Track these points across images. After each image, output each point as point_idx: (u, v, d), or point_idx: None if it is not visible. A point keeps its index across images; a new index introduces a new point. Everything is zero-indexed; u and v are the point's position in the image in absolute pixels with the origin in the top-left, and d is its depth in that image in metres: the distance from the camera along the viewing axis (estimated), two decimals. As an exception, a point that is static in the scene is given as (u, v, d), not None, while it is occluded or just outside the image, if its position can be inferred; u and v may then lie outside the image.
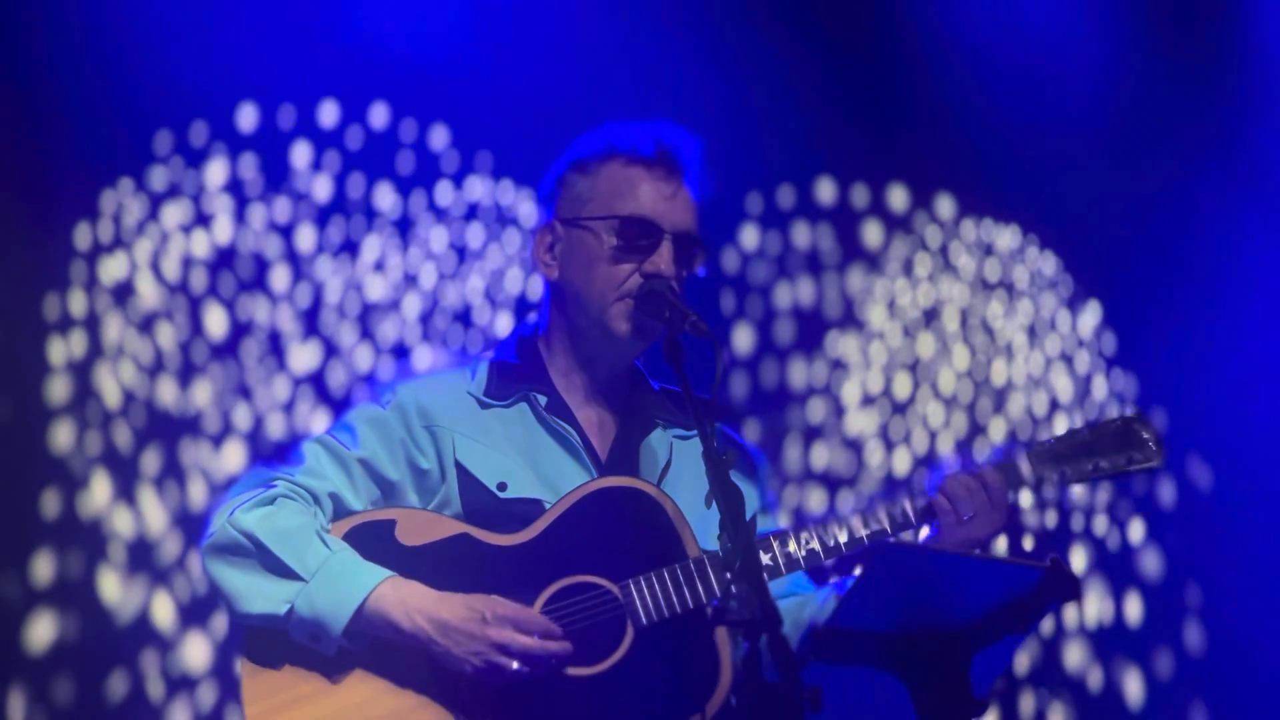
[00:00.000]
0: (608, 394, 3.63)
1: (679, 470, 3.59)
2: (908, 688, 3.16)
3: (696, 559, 3.41)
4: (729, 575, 3.00)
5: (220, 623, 5.22)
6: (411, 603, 3.34)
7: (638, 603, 3.38)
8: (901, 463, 6.01)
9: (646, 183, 3.58)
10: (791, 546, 3.47)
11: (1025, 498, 3.59)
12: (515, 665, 3.31)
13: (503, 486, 3.49)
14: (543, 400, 3.57)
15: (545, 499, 3.48)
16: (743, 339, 5.92)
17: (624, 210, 3.55)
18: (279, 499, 3.44)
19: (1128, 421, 3.61)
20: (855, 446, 5.98)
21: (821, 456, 5.95)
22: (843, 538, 3.48)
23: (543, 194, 3.68)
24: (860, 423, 6.00)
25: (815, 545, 3.48)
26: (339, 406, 5.42)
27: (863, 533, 3.49)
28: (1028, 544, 6.03)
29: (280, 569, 3.36)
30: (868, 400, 6.03)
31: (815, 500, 5.90)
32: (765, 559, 3.45)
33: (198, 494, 5.30)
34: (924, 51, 6.08)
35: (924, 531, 3.54)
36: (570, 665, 3.35)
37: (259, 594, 3.36)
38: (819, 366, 5.99)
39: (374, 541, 3.43)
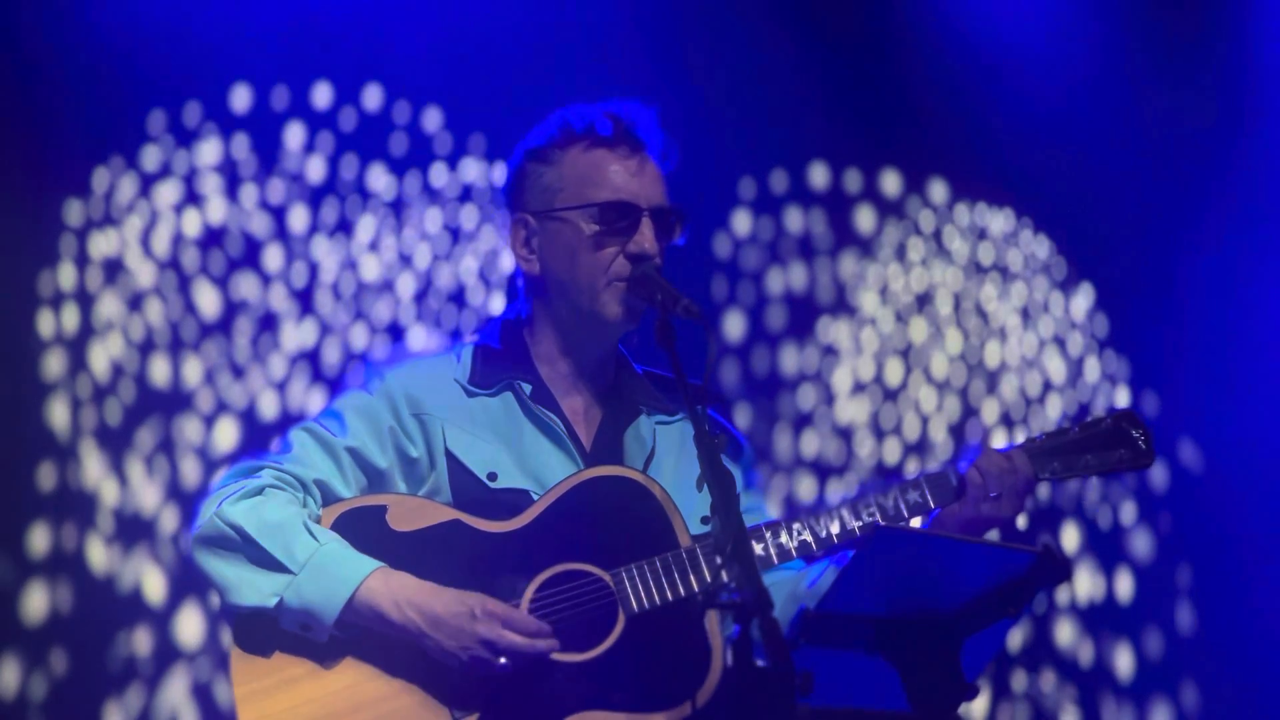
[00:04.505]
0: (592, 380, 3.62)
1: (662, 457, 3.59)
2: (899, 671, 3.16)
3: (688, 548, 3.41)
4: (720, 559, 3.01)
5: (213, 598, 5.22)
6: (402, 595, 3.34)
7: (629, 590, 3.38)
8: (892, 450, 6.02)
9: (613, 163, 3.55)
10: (784, 538, 3.47)
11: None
12: (502, 661, 3.32)
13: (493, 476, 3.49)
14: (527, 389, 3.56)
15: (532, 489, 3.48)
16: (734, 325, 5.93)
17: (598, 196, 3.53)
18: (266, 489, 3.43)
19: (1118, 420, 3.62)
20: (845, 434, 5.99)
21: (812, 444, 5.96)
22: (834, 529, 3.49)
23: (505, 189, 3.65)
24: (851, 410, 6.01)
25: (807, 536, 3.48)
26: (333, 385, 5.42)
27: (854, 524, 3.49)
28: (1020, 521, 6.03)
29: (268, 562, 3.36)
30: (859, 387, 6.03)
31: (805, 488, 5.91)
32: (757, 549, 3.45)
33: (190, 470, 5.30)
34: (917, 36, 6.07)
35: (915, 521, 3.55)
36: (560, 652, 3.35)
37: (248, 586, 3.36)
38: (810, 353, 6.00)
39: (365, 527, 3.43)
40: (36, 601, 5.15)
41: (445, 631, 3.32)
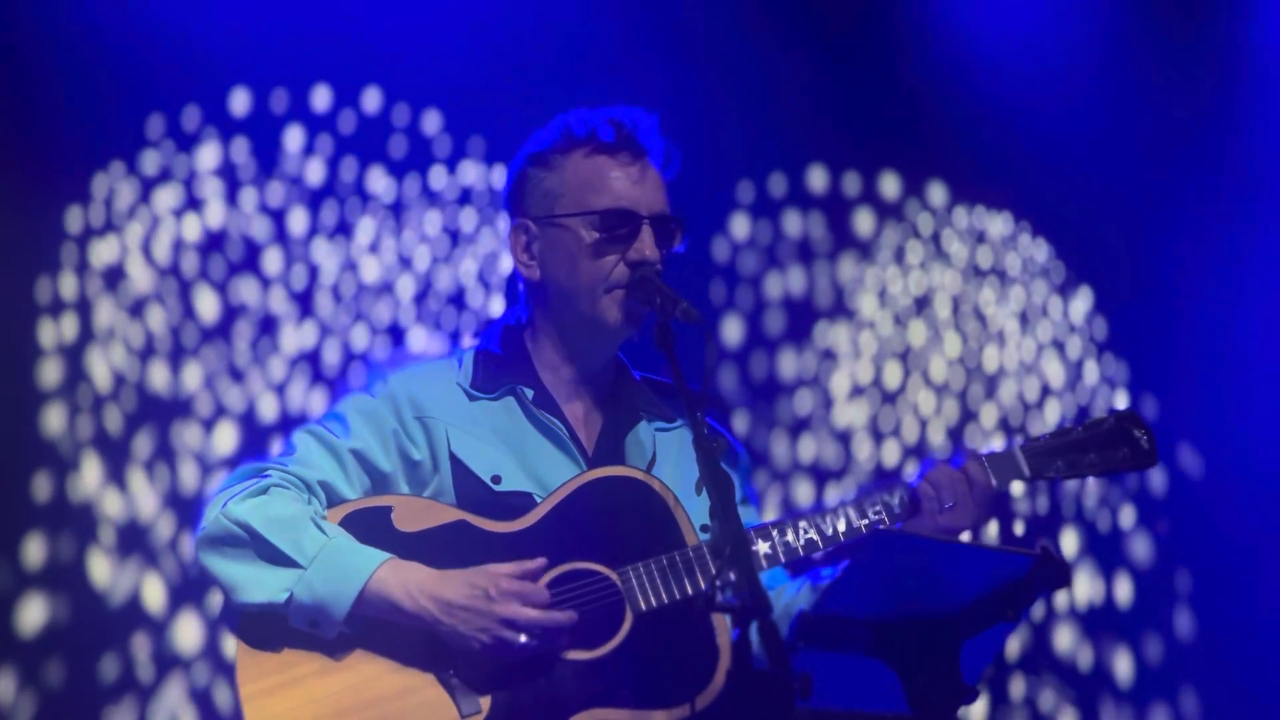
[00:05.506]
0: (593, 386, 3.63)
1: (663, 462, 3.60)
2: (898, 674, 3.17)
3: (695, 547, 3.42)
4: (720, 561, 3.01)
5: (212, 604, 5.22)
6: (413, 583, 3.34)
7: (636, 589, 3.39)
8: (890, 454, 6.02)
9: (615, 170, 3.56)
10: (790, 536, 3.48)
11: (1017, 488, 3.63)
12: (523, 639, 3.32)
13: (497, 479, 3.49)
14: (529, 394, 3.57)
15: (535, 493, 3.48)
16: (732, 330, 5.93)
17: (599, 203, 3.53)
18: (272, 488, 3.43)
19: (1120, 419, 3.63)
20: (844, 438, 5.99)
21: (809, 448, 5.96)
22: (840, 526, 3.50)
23: (506, 193, 3.65)
24: (849, 414, 6.00)
25: (813, 534, 3.49)
26: (334, 386, 5.42)
27: (860, 523, 3.50)
28: (1019, 528, 6.04)
29: (277, 557, 3.36)
30: (857, 391, 6.03)
31: (803, 493, 5.91)
32: (764, 547, 3.47)
33: (189, 477, 5.30)
34: (916, 39, 6.07)
35: None
36: (569, 649, 3.36)
37: (257, 583, 3.36)
38: (808, 357, 6.00)
39: (371, 527, 3.43)
40: (32, 612, 5.14)
41: (460, 616, 3.33)
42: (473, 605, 3.33)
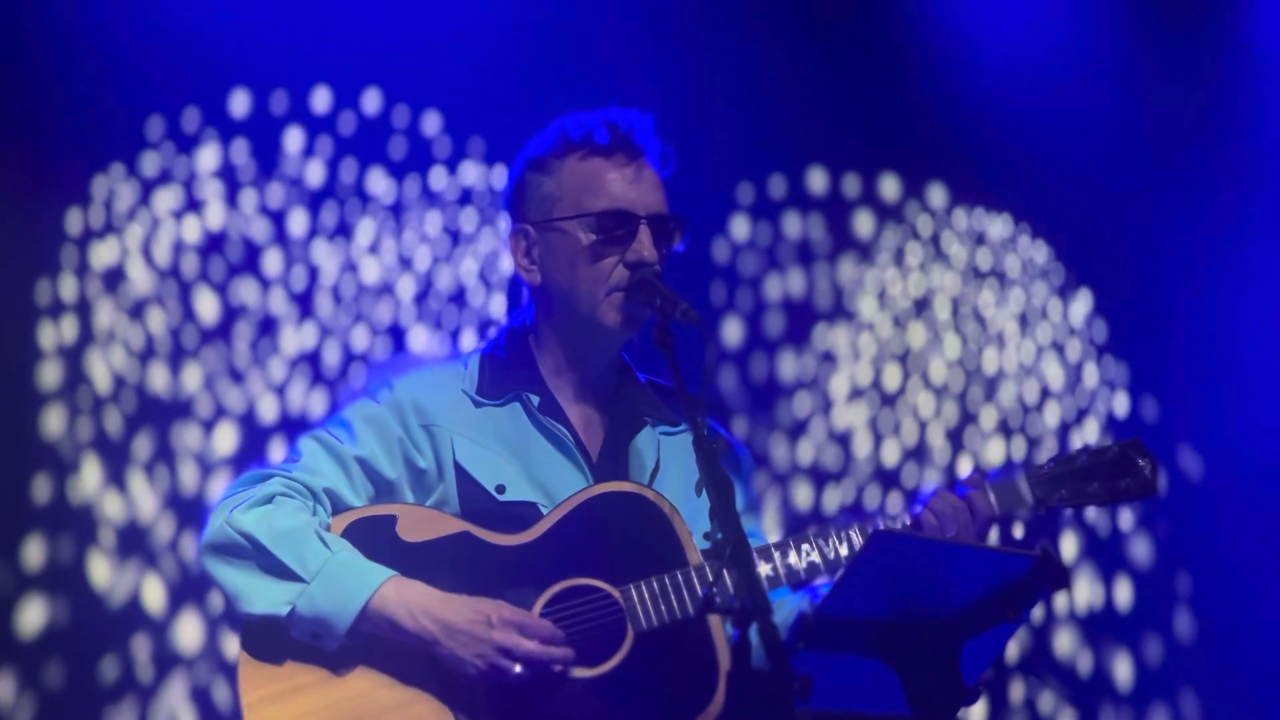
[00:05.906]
0: (597, 389, 3.61)
1: (667, 468, 3.59)
2: (899, 675, 3.16)
3: (698, 566, 3.41)
4: (720, 563, 3.00)
5: (212, 605, 5.23)
6: (415, 603, 3.34)
7: (638, 607, 3.37)
8: (890, 456, 6.02)
9: (610, 171, 3.54)
10: (793, 558, 3.47)
11: (1021, 514, 3.63)
12: (518, 669, 3.31)
13: (501, 489, 3.48)
14: (535, 400, 3.56)
15: (540, 502, 3.47)
16: (732, 331, 5.93)
17: (595, 205, 3.52)
18: (277, 498, 3.42)
19: (1125, 449, 3.63)
20: (843, 440, 5.99)
21: (809, 450, 5.96)
22: (843, 551, 3.49)
23: (505, 199, 3.65)
24: (849, 416, 6.00)
25: (816, 558, 3.48)
26: (334, 387, 5.43)
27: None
28: (1019, 531, 6.04)
29: (280, 570, 3.35)
30: (856, 393, 6.03)
31: (802, 495, 5.91)
32: (766, 569, 3.45)
33: (189, 478, 5.30)
34: (916, 40, 6.08)
35: None
36: (570, 667, 3.35)
37: (259, 595, 3.35)
38: (808, 359, 5.99)
39: (375, 537, 3.42)
40: (32, 614, 5.14)
41: (460, 640, 3.32)
42: (472, 631, 3.32)
